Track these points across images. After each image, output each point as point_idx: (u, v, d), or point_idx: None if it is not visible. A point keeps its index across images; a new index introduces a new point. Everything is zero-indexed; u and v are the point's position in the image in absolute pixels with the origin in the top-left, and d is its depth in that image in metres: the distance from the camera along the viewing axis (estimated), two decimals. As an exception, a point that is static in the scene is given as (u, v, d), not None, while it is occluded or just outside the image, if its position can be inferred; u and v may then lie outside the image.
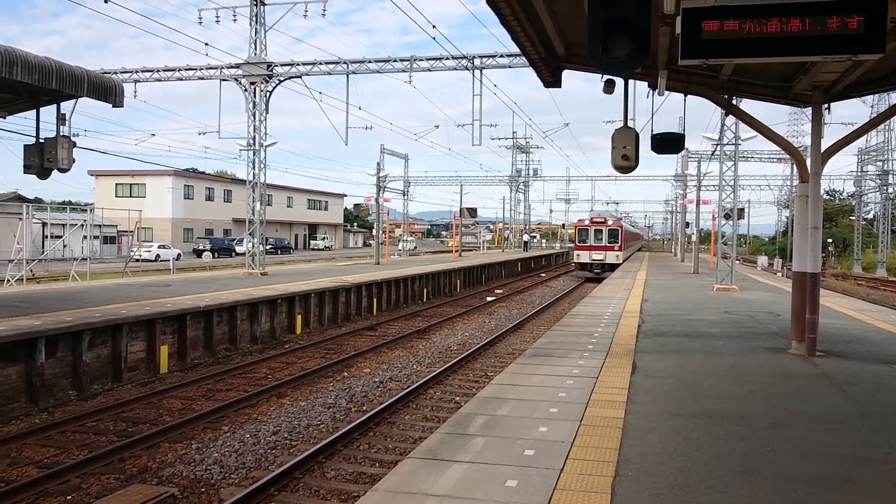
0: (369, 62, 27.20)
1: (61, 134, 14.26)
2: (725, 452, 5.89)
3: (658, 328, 13.52)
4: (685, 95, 11.96)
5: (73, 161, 14.32)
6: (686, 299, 19.91)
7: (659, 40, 8.96)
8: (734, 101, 11.91)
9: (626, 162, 10.49)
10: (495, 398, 7.69)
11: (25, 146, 14.29)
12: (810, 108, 11.29)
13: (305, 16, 26.28)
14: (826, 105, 11.48)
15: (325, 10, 26.49)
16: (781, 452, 5.92)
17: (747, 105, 13.84)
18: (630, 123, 10.87)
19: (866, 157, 57.74)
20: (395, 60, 26.94)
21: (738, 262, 28.88)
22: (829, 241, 67.60)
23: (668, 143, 11.80)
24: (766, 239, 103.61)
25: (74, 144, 14.45)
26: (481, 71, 26.78)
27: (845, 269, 58.65)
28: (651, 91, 12.01)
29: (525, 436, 6.23)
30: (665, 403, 7.56)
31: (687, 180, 46.77)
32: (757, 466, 5.55)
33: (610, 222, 45.44)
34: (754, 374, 9.26)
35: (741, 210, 37.50)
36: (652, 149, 11.53)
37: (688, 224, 51.00)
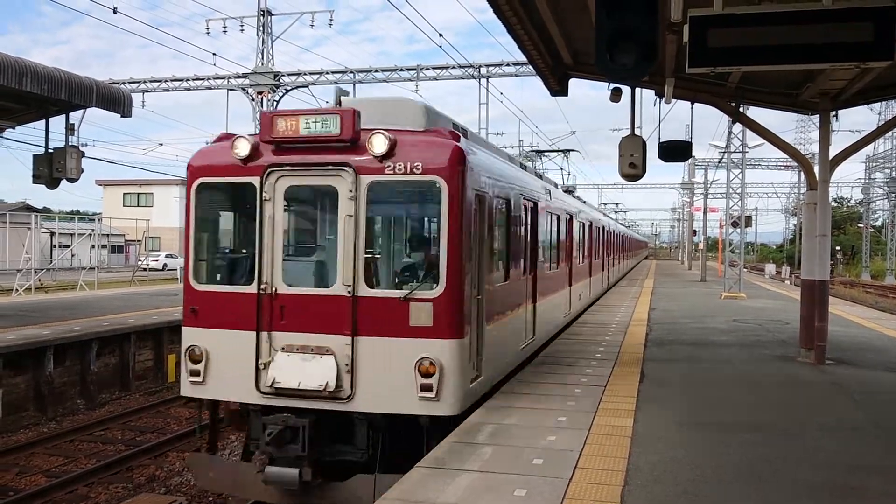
0: (376, 71, 27.32)
1: (70, 144, 14.34)
2: (735, 461, 5.85)
3: (666, 336, 13.46)
4: (692, 103, 11.97)
5: (82, 171, 14.39)
6: (694, 307, 19.84)
7: (666, 48, 8.96)
8: (741, 109, 11.90)
9: (633, 170, 10.45)
10: (503, 407, 7.66)
11: (34, 156, 14.38)
12: (818, 115, 11.27)
13: (312, 25, 26.46)
14: (834, 112, 11.46)
15: (331, 20, 26.66)
16: (791, 461, 5.88)
17: (754, 112, 13.85)
18: (637, 131, 10.87)
19: (874, 164, 57.55)
20: (401, 69, 27.05)
21: (745, 269, 28.65)
22: (838, 248, 67.35)
23: (676, 151, 11.78)
24: (774, 247, 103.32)
25: (83, 154, 14.52)
26: (487, 80, 26.86)
27: (854, 277, 58.38)
28: (658, 99, 12.01)
29: (533, 444, 6.20)
30: (674, 412, 7.51)
31: (694, 188, 46.70)
32: (767, 475, 5.51)
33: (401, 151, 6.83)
34: (764, 383, 9.21)
35: (748, 218, 31.65)
36: (659, 157, 11.50)
37: (695, 232, 50.80)
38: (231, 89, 27.66)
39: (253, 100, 26.98)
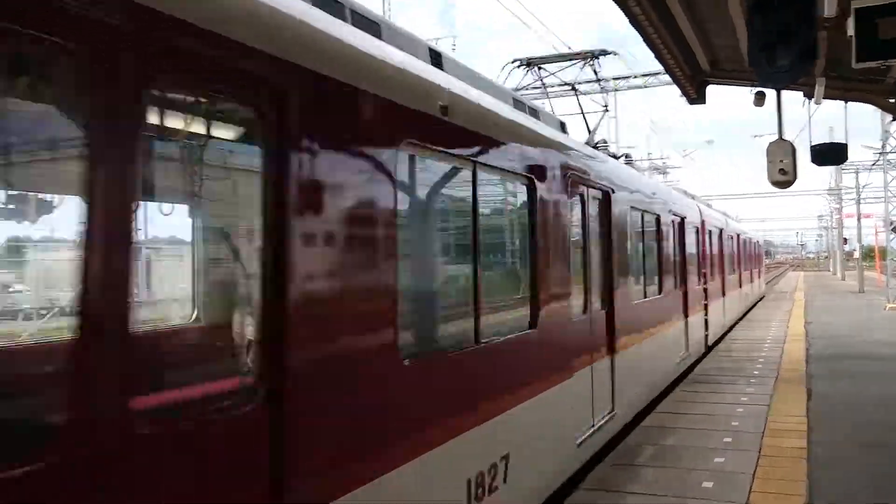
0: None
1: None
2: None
3: (828, 352, 12.60)
4: (846, 102, 11.28)
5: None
6: (855, 320, 18.47)
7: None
8: (903, 104, 11.08)
9: (783, 176, 9.93)
10: (660, 427, 7.41)
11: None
12: None
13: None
14: None
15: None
16: None
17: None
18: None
19: None
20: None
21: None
22: None
23: (830, 153, 11.16)
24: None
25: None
26: (615, 92, 26.55)
27: None
28: (807, 100, 11.41)
29: (700, 466, 5.94)
30: (851, 432, 6.99)
31: (842, 193, 43.84)
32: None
33: None
34: (950, 400, 8.42)
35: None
36: (812, 161, 10.90)
37: (846, 240, 47.69)
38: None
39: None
